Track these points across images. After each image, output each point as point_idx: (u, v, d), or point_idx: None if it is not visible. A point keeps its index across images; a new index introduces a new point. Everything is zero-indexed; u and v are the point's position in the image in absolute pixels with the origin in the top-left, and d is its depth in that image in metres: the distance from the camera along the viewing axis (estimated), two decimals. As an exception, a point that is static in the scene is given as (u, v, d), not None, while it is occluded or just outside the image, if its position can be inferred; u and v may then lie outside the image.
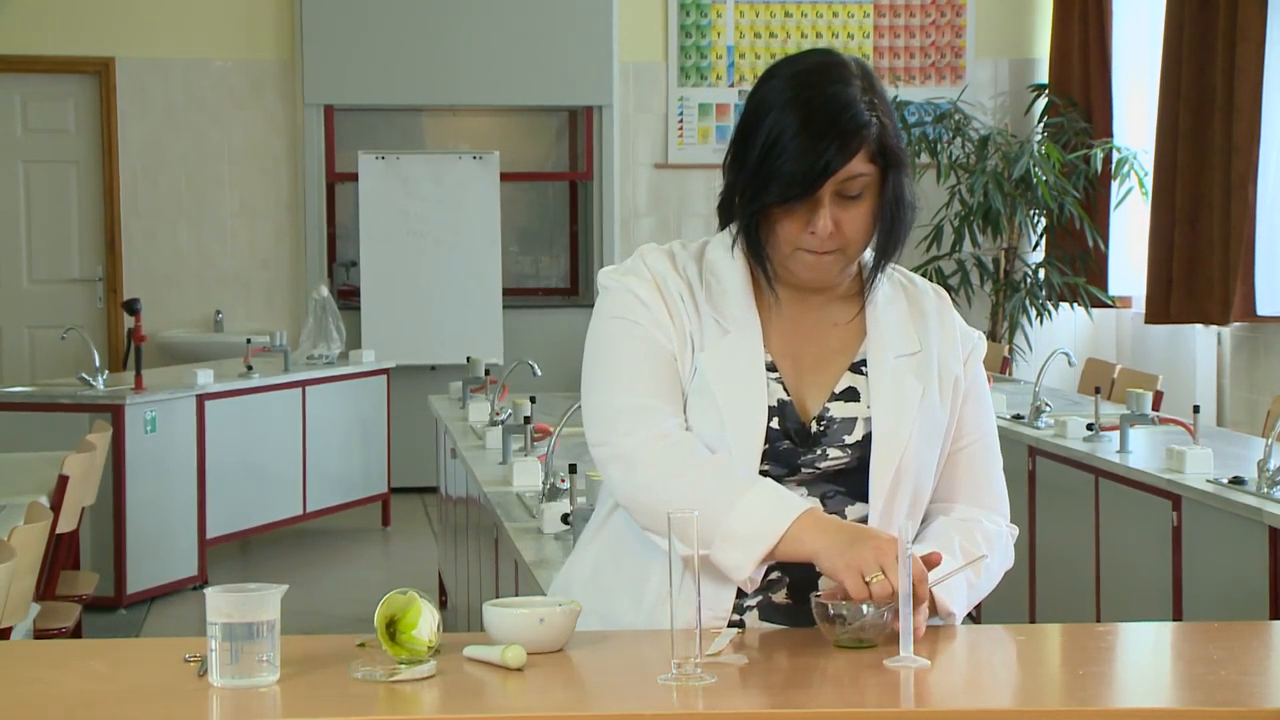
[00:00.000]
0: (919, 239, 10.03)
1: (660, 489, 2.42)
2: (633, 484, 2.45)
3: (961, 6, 10.48)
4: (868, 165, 2.42)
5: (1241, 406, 8.43)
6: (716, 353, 2.47)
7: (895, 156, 2.44)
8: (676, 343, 2.49)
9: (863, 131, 2.40)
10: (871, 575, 2.30)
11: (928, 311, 2.57)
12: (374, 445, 8.88)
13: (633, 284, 2.51)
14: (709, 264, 2.53)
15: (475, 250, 10.00)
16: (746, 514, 2.37)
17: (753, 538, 2.36)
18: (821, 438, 2.48)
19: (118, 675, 2.27)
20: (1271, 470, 4.45)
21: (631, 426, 2.45)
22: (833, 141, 2.38)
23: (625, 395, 2.48)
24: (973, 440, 2.58)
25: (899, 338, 2.53)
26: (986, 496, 2.60)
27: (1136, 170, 9.37)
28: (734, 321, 2.49)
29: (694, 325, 2.49)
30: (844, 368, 2.53)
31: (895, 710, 2.17)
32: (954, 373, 2.55)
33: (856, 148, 2.40)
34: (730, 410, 2.46)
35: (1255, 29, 8.08)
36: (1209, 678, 2.26)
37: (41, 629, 4.61)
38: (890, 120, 2.45)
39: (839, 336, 2.54)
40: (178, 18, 10.17)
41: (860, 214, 2.44)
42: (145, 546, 7.23)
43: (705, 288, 2.51)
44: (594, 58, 10.22)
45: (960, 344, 2.59)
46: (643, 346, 2.49)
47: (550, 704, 2.18)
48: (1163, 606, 4.88)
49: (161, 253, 10.27)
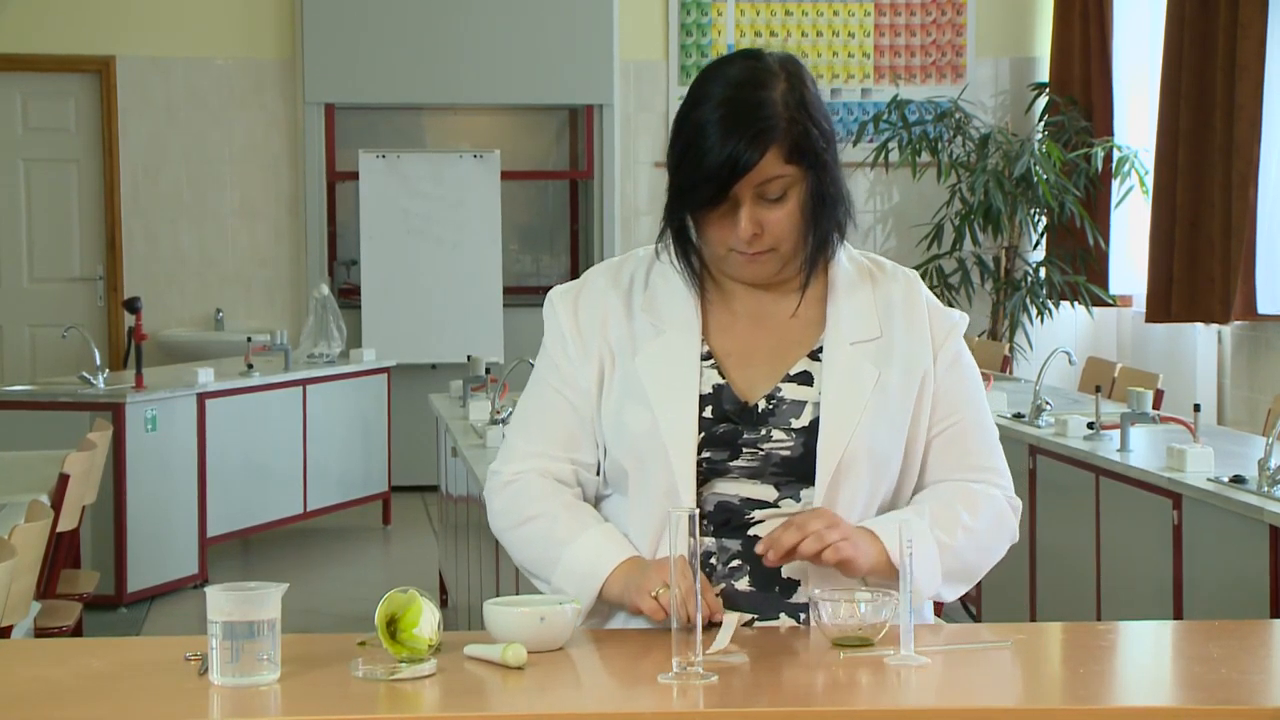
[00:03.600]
0: (919, 238, 10.06)
1: (505, 535, 2.64)
2: (492, 521, 2.68)
3: (962, 5, 10.48)
4: (785, 166, 2.45)
5: (1242, 405, 8.43)
6: (650, 353, 2.53)
7: (815, 156, 2.47)
8: (586, 370, 2.57)
9: (772, 132, 2.43)
10: (655, 590, 2.39)
11: (893, 297, 2.58)
12: (375, 444, 8.88)
13: (558, 308, 2.61)
14: (661, 266, 2.58)
15: (476, 249, 10.00)
16: (565, 575, 2.54)
17: (576, 595, 2.49)
18: (769, 416, 2.50)
19: (118, 674, 2.27)
20: (1272, 469, 4.44)
21: (503, 466, 2.63)
22: (740, 141, 2.42)
23: (519, 437, 2.63)
24: (958, 419, 2.57)
25: (858, 324, 2.55)
26: (978, 471, 2.58)
27: (1137, 169, 9.37)
28: (669, 321, 2.55)
29: (623, 335, 2.56)
30: (801, 356, 2.55)
31: (895, 709, 2.17)
32: (922, 360, 2.55)
33: (764, 147, 2.43)
34: (660, 404, 2.50)
35: (1256, 27, 8.08)
36: (1209, 676, 2.26)
37: (42, 628, 4.61)
38: (814, 121, 2.47)
39: (798, 327, 2.57)
40: (178, 16, 10.17)
41: (784, 215, 2.47)
42: (146, 545, 7.23)
43: (649, 291, 2.57)
44: (595, 57, 10.22)
45: (933, 327, 2.58)
46: (548, 393, 2.61)
47: (551, 703, 2.18)
48: (1163, 605, 4.88)
49: (162, 251, 10.27)
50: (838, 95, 10.43)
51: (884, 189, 10.48)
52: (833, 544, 2.39)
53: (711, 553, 2.49)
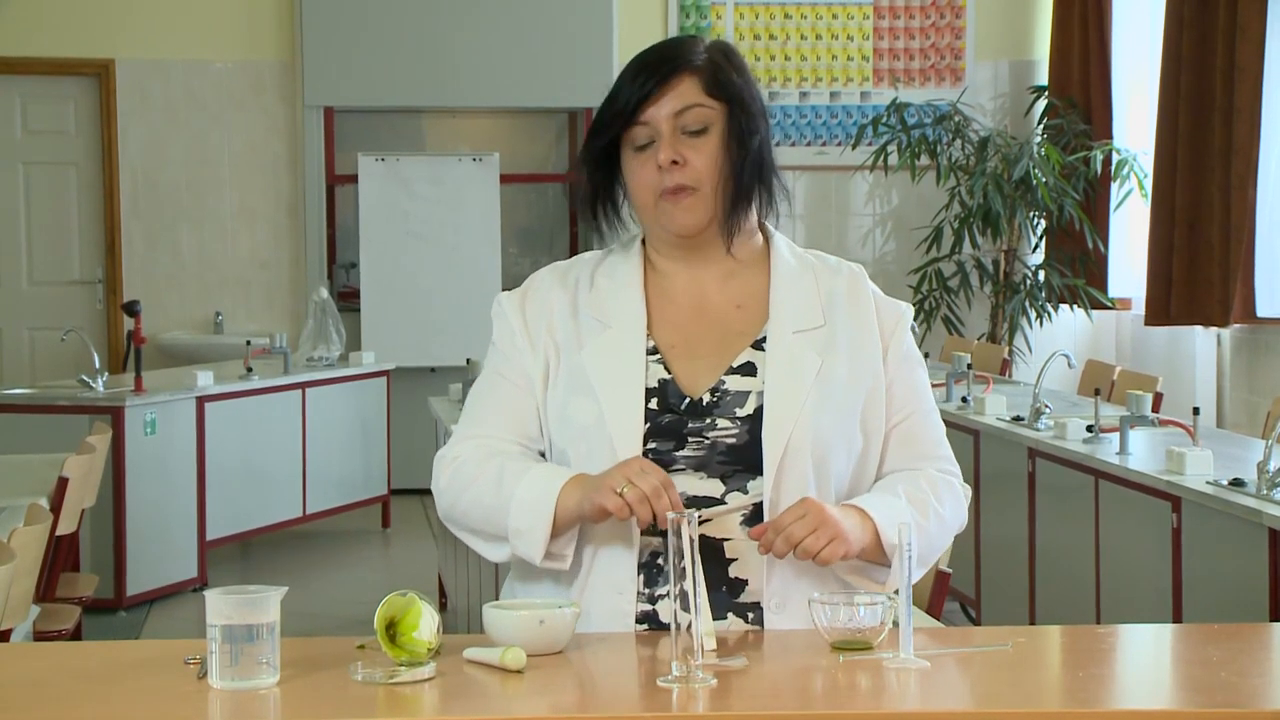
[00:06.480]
0: (918, 241, 10.06)
1: (457, 506, 2.59)
2: (440, 503, 2.63)
3: (961, 8, 10.48)
4: (706, 99, 2.53)
5: (1241, 408, 8.43)
6: (595, 348, 2.56)
7: (734, 91, 2.55)
8: (535, 362, 2.59)
9: (690, 63, 2.54)
10: (621, 487, 2.38)
11: (837, 288, 2.62)
12: (374, 447, 8.88)
13: (506, 307, 2.65)
14: (608, 265, 2.64)
15: (475, 252, 10.00)
16: (519, 508, 2.49)
17: (533, 526, 2.47)
18: (714, 408, 2.52)
19: (117, 677, 2.27)
20: (1271, 472, 4.45)
21: (447, 451, 2.62)
22: (657, 70, 2.53)
23: (469, 423, 2.64)
24: (912, 411, 2.62)
25: (800, 314, 2.57)
26: (933, 460, 2.63)
27: (1136, 172, 9.37)
28: (614, 317, 2.58)
29: (569, 331, 2.59)
30: (744, 347, 2.57)
31: (895, 712, 2.17)
32: (870, 351, 2.58)
33: (674, 70, 2.52)
34: (607, 397, 2.52)
35: (1255, 29, 8.08)
36: (1209, 679, 2.26)
37: (41, 631, 4.61)
38: (736, 75, 2.56)
39: (742, 319, 2.59)
40: (178, 19, 10.17)
41: (706, 149, 2.53)
42: (145, 548, 7.23)
43: (594, 290, 2.61)
44: (593, 59, 10.22)
45: (880, 319, 2.61)
46: (495, 379, 2.63)
47: (550, 706, 2.18)
48: (1162, 608, 4.88)
49: (161, 254, 10.27)
50: (837, 98, 10.43)
51: (883, 192, 10.48)
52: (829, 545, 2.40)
53: (659, 552, 2.50)
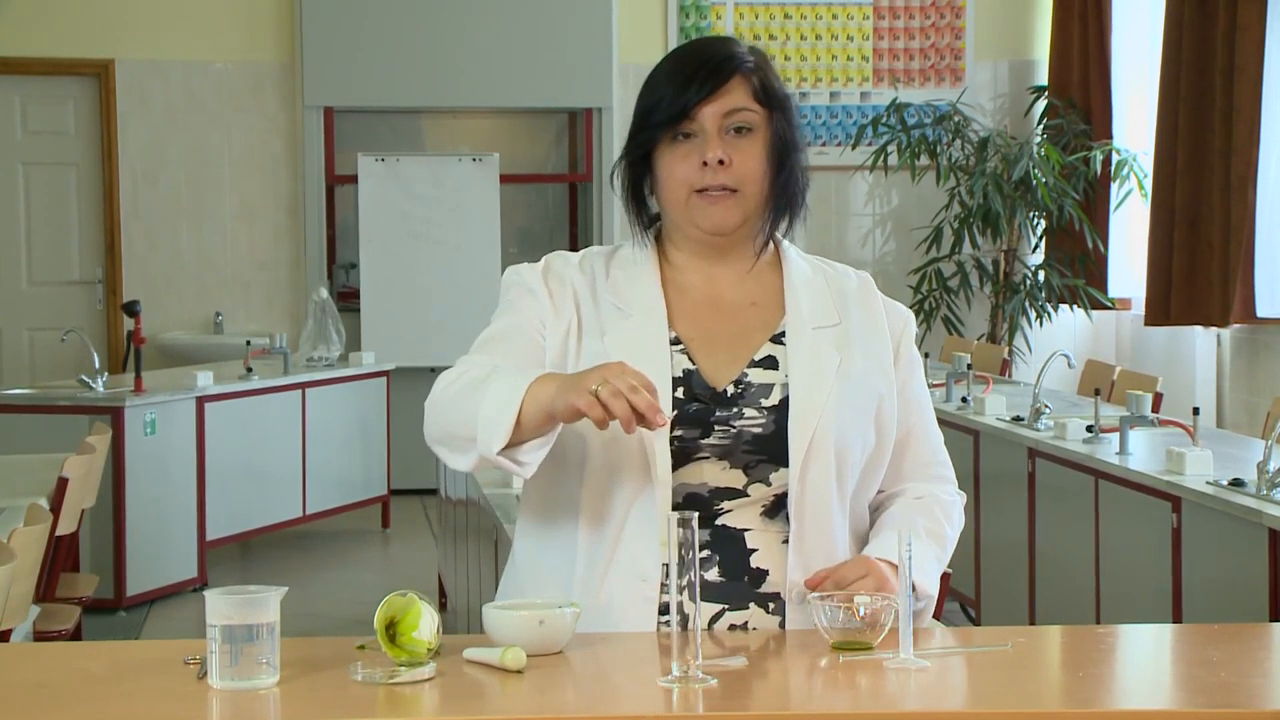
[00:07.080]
0: (918, 241, 10.06)
1: (438, 405, 2.49)
2: (427, 416, 2.52)
3: (961, 8, 10.48)
4: (752, 103, 2.53)
5: (1241, 408, 8.43)
6: (619, 335, 2.54)
7: (779, 99, 2.55)
8: (556, 329, 2.55)
9: (737, 64, 2.53)
10: (596, 386, 2.31)
11: (847, 289, 2.64)
12: (374, 447, 8.88)
13: (525, 275, 2.61)
14: (620, 259, 2.62)
15: (475, 252, 10.00)
16: (493, 398, 2.41)
17: (499, 415, 2.39)
18: (739, 399, 2.52)
19: (117, 677, 2.27)
20: (1271, 472, 4.45)
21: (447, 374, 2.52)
22: (704, 68, 2.51)
23: (474, 353, 2.57)
24: (914, 423, 2.65)
25: (817, 312, 2.59)
26: (934, 468, 2.67)
27: (1136, 172, 9.37)
28: (635, 306, 2.56)
29: (590, 314, 2.56)
30: (764, 341, 2.58)
31: (895, 711, 2.17)
32: (882, 350, 2.61)
33: (730, 72, 2.51)
34: None
35: (1254, 29, 8.08)
36: (1208, 680, 2.26)
37: (41, 631, 4.61)
38: (775, 81, 2.56)
39: (758, 315, 2.60)
40: (177, 19, 10.17)
41: (751, 151, 2.53)
42: (145, 548, 7.23)
43: (611, 280, 2.59)
44: (593, 59, 10.22)
45: (889, 320, 2.65)
46: (510, 320, 2.58)
47: (550, 706, 2.18)
48: (1162, 608, 4.88)
49: (161, 255, 10.27)
50: (837, 99, 10.43)
51: (883, 192, 10.48)
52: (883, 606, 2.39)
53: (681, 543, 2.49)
